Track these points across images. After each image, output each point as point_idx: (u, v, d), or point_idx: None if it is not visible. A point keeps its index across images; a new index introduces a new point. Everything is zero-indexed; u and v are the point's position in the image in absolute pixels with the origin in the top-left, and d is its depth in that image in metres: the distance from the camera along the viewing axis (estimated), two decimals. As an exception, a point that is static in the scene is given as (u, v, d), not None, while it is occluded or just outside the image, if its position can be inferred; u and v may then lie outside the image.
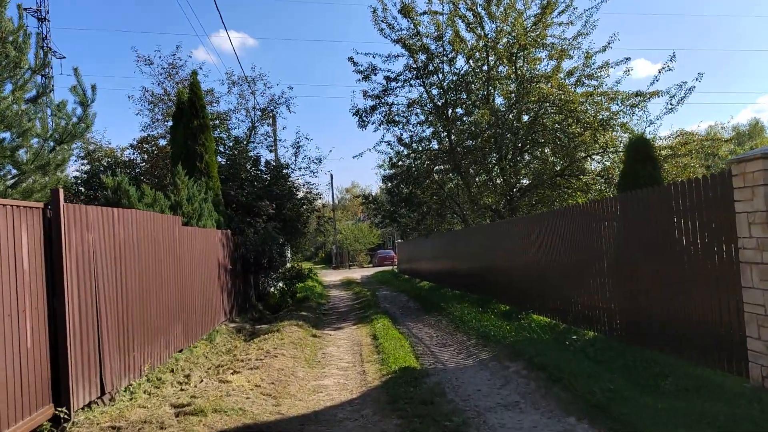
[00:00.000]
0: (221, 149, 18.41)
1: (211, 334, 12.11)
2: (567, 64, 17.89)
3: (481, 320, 12.16)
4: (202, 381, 7.82)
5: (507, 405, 6.25)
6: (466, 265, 19.06)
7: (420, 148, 21.10)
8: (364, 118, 19.25)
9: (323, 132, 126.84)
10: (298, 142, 20.86)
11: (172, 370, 9.05)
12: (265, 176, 18.21)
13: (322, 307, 20.01)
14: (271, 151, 20.96)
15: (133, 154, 18.40)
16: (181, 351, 10.04)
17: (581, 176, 17.90)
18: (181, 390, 7.47)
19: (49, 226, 6.03)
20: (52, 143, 9.58)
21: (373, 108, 19.15)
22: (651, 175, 8.77)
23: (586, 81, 17.36)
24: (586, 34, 18.24)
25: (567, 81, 17.53)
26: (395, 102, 19.45)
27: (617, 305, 8.95)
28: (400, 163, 21.64)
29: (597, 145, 16.83)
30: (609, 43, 17.62)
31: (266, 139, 21.62)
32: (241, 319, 15.49)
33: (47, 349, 5.82)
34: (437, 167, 23.00)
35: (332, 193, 57.94)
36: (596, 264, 9.68)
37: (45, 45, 47.90)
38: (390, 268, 46.62)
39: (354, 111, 19.22)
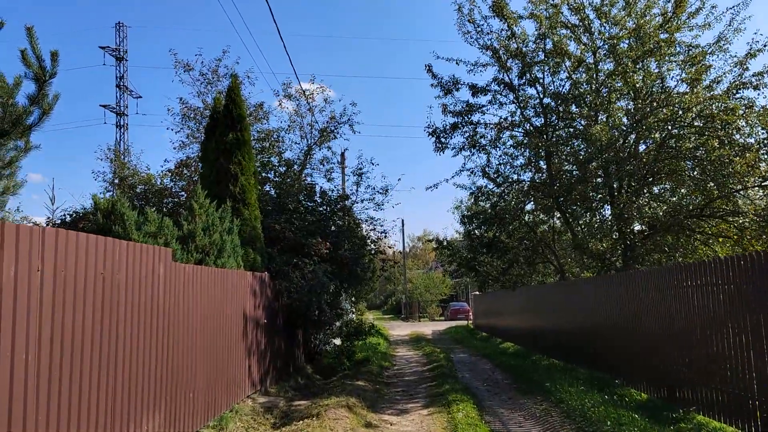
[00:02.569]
0: (270, 176, 15.33)
1: (223, 418, 8.59)
2: (704, 75, 13.78)
3: (618, 420, 8.02)
4: None
5: None
6: (569, 327, 14.88)
7: (510, 180, 17.29)
8: (443, 139, 15.66)
9: (395, 169, 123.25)
10: (360, 169, 17.39)
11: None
12: (320, 209, 14.92)
13: (384, 372, 16.21)
14: (328, 180, 17.65)
15: (171, 181, 15.60)
16: (159, 454, 6.54)
17: (730, 217, 13.53)
18: None
19: None
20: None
21: (454, 127, 15.54)
22: None
23: (739, 92, 13.20)
24: (728, 39, 14.20)
25: (710, 93, 13.46)
26: (481, 121, 15.80)
27: None
28: (483, 199, 17.85)
29: (757, 175, 12.53)
30: (766, 45, 13.49)
31: (324, 165, 18.40)
32: (277, 390, 11.94)
33: None
34: (529, 205, 19.10)
35: (403, 240, 54.51)
36: None
37: (122, 83, 47.97)
38: (464, 322, 42.25)
39: (431, 130, 15.67)
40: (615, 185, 14.68)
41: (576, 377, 12.22)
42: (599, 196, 14.94)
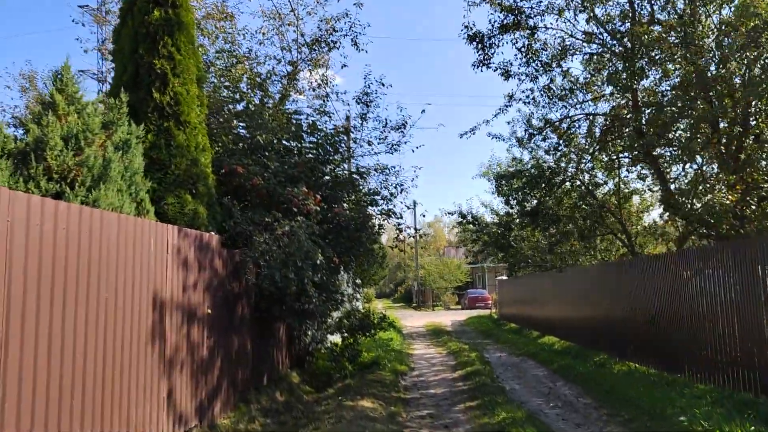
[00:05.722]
0: (239, 108, 10.80)
1: None
2: None
3: None
4: None
5: None
6: (674, 319, 10.36)
7: (570, 121, 12.71)
8: (487, 47, 10.95)
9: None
10: (366, 95, 11.51)
11: None
12: (309, 154, 10.37)
13: (400, 381, 11.82)
14: (322, 114, 12.21)
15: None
16: None
17: None
18: None
19: None
20: None
21: (504, 28, 10.80)
22: None
23: None
24: None
25: None
26: (540, 24, 11.02)
27: None
28: (538, 138, 13.21)
29: None
30: None
31: (314, 90, 13.20)
32: (235, 420, 7.54)
33: None
34: (587, 159, 14.57)
35: (414, 221, 49.57)
36: None
37: (104, 48, 43.44)
38: (485, 311, 37.81)
39: (470, 33, 10.93)
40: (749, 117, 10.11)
41: (713, 402, 7.66)
42: (722, 134, 10.32)
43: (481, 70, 11.25)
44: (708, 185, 10.82)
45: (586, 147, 13.83)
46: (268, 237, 7.86)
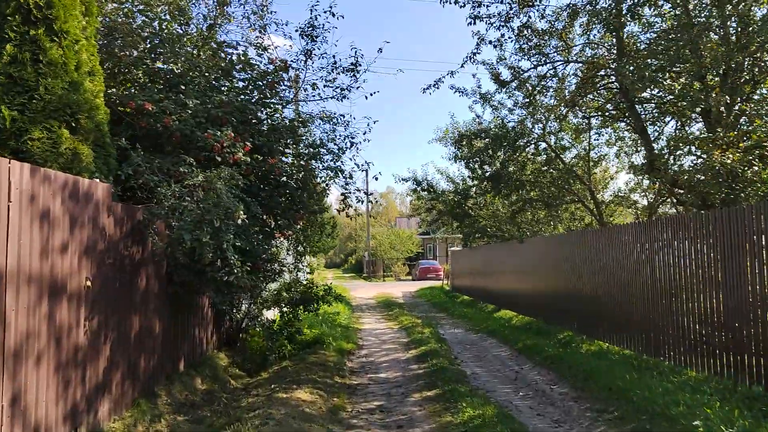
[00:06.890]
0: (157, 41, 8.84)
1: None
2: None
3: None
4: None
5: None
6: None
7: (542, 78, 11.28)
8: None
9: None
10: (312, 27, 9.17)
11: None
12: (240, 91, 8.56)
13: (347, 362, 10.35)
14: (258, 48, 10.00)
15: None
16: None
17: None
18: None
19: None
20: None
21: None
22: None
23: None
24: None
25: None
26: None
27: None
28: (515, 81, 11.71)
29: None
30: None
31: (248, 19, 10.91)
32: (131, 420, 5.90)
33: None
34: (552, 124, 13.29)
35: (367, 187, 47.99)
36: None
37: None
38: (436, 283, 36.79)
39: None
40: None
41: (711, 394, 6.41)
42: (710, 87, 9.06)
43: (449, 2, 9.57)
44: (694, 145, 9.59)
45: (556, 105, 12.45)
46: (178, 190, 6.13)
